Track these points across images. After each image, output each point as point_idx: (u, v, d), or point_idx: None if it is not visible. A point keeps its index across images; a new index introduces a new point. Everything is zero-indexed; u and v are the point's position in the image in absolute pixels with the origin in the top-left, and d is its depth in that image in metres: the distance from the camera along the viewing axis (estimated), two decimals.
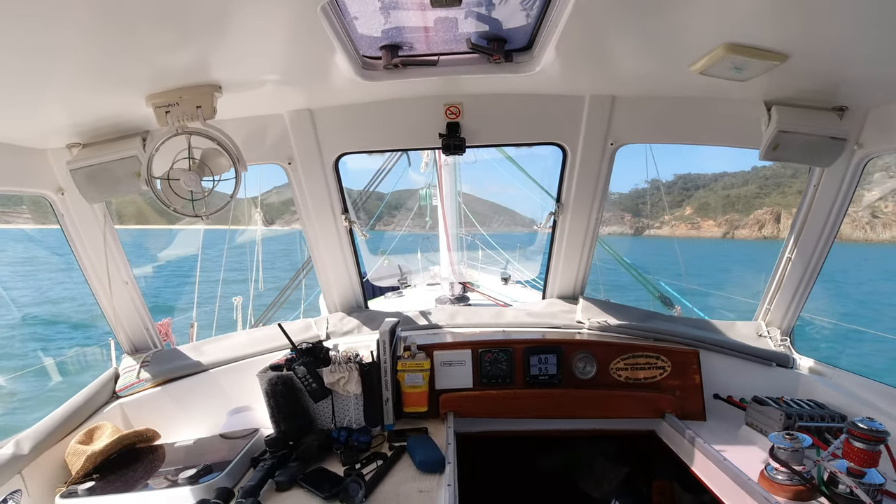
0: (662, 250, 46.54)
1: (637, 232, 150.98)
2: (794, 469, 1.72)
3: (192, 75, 1.83)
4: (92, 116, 2.05)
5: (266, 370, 2.32)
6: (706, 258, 52.83)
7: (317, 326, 3.05)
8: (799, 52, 1.70)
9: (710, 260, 52.31)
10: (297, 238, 6.57)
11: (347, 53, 1.84)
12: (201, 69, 1.79)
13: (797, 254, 2.66)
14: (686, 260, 11.53)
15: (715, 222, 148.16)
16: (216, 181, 2.10)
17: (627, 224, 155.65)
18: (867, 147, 2.30)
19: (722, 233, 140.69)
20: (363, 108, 2.55)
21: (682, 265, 8.08)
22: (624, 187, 40.41)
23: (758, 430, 2.21)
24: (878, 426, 1.62)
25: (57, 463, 2.08)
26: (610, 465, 2.90)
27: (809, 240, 2.61)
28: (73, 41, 1.41)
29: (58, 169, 2.33)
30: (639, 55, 1.96)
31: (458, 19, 1.85)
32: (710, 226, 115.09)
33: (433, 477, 1.92)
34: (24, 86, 1.65)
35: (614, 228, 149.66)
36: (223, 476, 1.88)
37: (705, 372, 2.54)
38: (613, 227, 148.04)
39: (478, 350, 2.57)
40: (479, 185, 38.76)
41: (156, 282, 24.89)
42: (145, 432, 2.30)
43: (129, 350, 2.81)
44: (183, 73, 1.80)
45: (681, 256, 9.16)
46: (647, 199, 36.35)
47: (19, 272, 32.01)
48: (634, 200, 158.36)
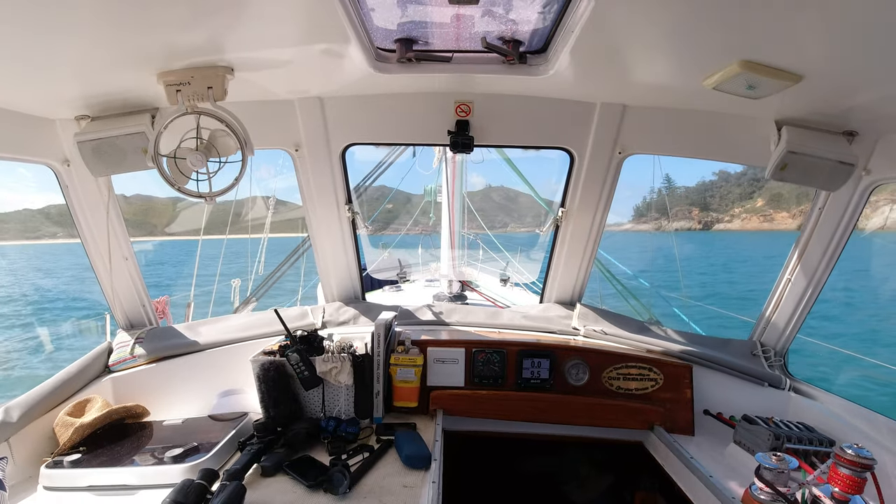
0: (732, 245, 44.37)
1: (705, 227, 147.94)
2: (778, 490, 1.72)
3: (205, 56, 1.83)
4: (103, 90, 2.05)
5: (259, 355, 2.32)
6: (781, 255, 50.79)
7: (313, 315, 3.05)
8: (813, 74, 1.69)
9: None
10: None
11: (362, 44, 1.84)
12: (214, 50, 1.79)
13: (797, 275, 2.66)
14: (754, 257, 10.91)
15: (789, 213, 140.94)
16: (222, 163, 2.10)
17: (695, 219, 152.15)
18: (875, 174, 2.30)
19: (797, 224, 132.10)
20: (374, 100, 2.55)
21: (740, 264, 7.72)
22: (690, 180, 38.87)
23: (745, 448, 2.21)
24: (866, 453, 1.62)
25: (45, 433, 2.09)
26: (595, 472, 2.91)
27: (811, 263, 2.60)
28: (88, 14, 1.41)
29: (65, 140, 2.33)
30: (653, 66, 1.96)
31: (474, 17, 1.84)
32: (783, 217, 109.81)
33: (418, 473, 1.92)
34: (36, 55, 1.65)
35: (682, 224, 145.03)
36: (209, 457, 1.89)
37: (697, 387, 2.54)
38: (681, 222, 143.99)
39: (471, 349, 2.57)
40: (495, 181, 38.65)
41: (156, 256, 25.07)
42: (135, 408, 2.31)
43: (124, 325, 2.82)
44: (196, 53, 1.79)
45: (733, 254, 8.82)
46: (715, 191, 35.85)
47: None
48: (702, 194, 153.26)
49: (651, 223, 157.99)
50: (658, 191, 11.25)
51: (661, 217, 30.82)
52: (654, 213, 27.12)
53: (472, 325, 3.08)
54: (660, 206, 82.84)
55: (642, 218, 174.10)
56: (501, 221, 30.00)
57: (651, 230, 76.33)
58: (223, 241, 7.19)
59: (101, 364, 2.55)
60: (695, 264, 38.69)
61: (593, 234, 2.94)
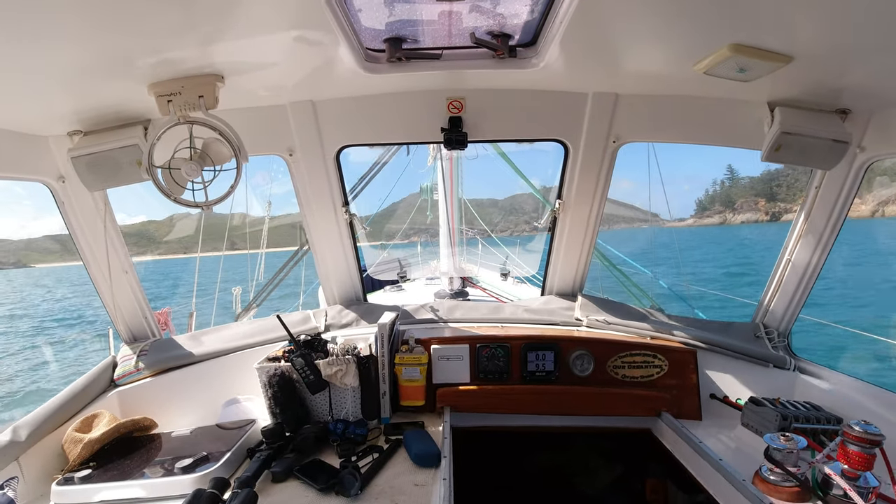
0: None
1: (773, 218, 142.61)
2: (788, 470, 1.73)
3: (195, 65, 1.82)
4: (94, 104, 2.05)
5: (264, 362, 2.33)
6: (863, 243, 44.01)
7: (315, 318, 3.05)
8: (803, 55, 1.69)
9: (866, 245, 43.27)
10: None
11: (351, 46, 1.83)
12: (204, 58, 1.79)
13: (797, 256, 2.66)
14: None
15: (860, 199, 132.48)
16: (217, 171, 2.10)
17: (762, 210, 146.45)
18: (869, 150, 2.30)
19: (870, 211, 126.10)
20: (365, 101, 2.54)
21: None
22: (754, 170, 37.67)
23: (753, 430, 2.22)
24: (874, 429, 1.62)
25: (54, 450, 2.08)
26: (605, 462, 2.91)
27: (809, 242, 2.61)
28: (75, 26, 1.41)
29: (59, 156, 2.33)
30: (643, 53, 1.95)
31: (462, 13, 1.84)
32: (855, 204, 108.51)
33: (429, 471, 1.93)
34: (26, 72, 1.65)
35: (748, 216, 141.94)
36: (219, 466, 1.89)
37: (702, 372, 2.54)
38: (747, 214, 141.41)
39: (475, 345, 2.57)
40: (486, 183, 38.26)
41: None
42: (142, 421, 2.31)
43: (127, 339, 2.81)
44: (186, 63, 1.79)
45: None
46: (782, 180, 34.37)
47: None
48: (768, 184, 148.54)
49: (715, 217, 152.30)
50: (721, 182, 11.01)
51: (725, 210, 30.10)
52: (717, 205, 26.20)
53: (474, 321, 3.08)
54: (723, 198, 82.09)
55: (706, 212, 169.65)
56: (502, 225, 29.95)
57: (716, 224, 73.77)
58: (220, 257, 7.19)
59: (106, 378, 2.55)
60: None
61: (591, 223, 2.94)
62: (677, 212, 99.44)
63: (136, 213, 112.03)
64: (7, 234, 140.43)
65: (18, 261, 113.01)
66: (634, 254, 6.54)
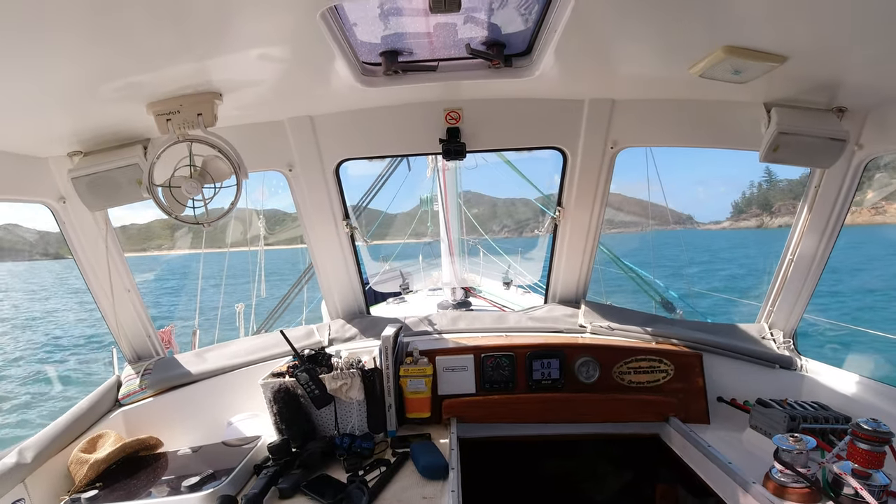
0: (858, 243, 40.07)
1: None
2: (798, 471, 1.71)
3: (193, 83, 1.84)
4: (93, 124, 2.06)
5: (269, 377, 2.32)
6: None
7: (319, 333, 3.04)
8: (798, 54, 1.70)
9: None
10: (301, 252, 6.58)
11: (347, 60, 1.85)
12: (202, 77, 1.80)
13: (799, 255, 2.66)
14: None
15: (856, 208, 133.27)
16: (217, 188, 2.11)
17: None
18: (867, 148, 2.30)
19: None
20: (363, 114, 2.56)
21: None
22: (793, 172, 36.57)
23: (762, 432, 2.20)
24: (883, 427, 1.61)
25: (60, 472, 2.07)
26: (614, 469, 2.89)
27: (811, 241, 2.61)
28: (73, 47, 1.42)
29: (59, 177, 2.34)
30: (638, 58, 1.97)
31: (457, 25, 1.85)
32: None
33: (437, 483, 1.91)
34: (25, 93, 1.66)
35: (786, 220, 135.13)
36: (226, 483, 1.88)
37: (708, 375, 2.53)
38: (784, 217, 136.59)
39: (480, 355, 2.56)
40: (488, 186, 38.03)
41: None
42: (148, 440, 2.30)
43: (131, 358, 2.81)
44: (183, 81, 1.80)
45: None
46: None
47: None
48: (806, 187, 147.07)
49: (752, 220, 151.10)
50: (759, 185, 10.78)
51: (762, 213, 29.40)
52: (754, 208, 25.51)
53: (478, 331, 3.07)
54: (761, 200, 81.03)
55: (742, 215, 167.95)
56: (500, 224, 29.82)
57: (752, 227, 71.41)
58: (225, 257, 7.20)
59: (111, 398, 2.55)
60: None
61: (592, 230, 2.94)
62: (712, 214, 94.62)
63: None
64: (48, 226, 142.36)
65: (57, 252, 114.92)
66: (667, 257, 6.56)
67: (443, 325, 3.10)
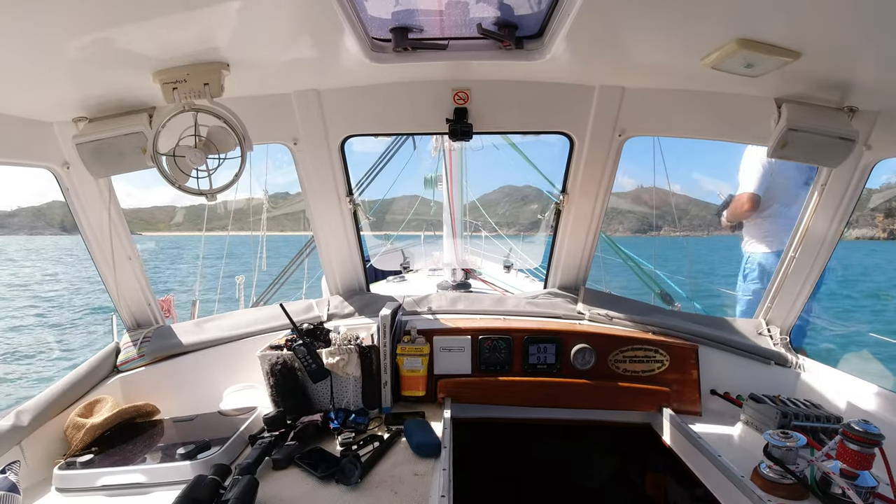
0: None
1: (891, 236, 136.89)
2: (787, 468, 1.73)
3: (200, 52, 1.82)
4: (99, 91, 2.05)
5: (266, 350, 2.33)
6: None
7: (318, 308, 3.05)
8: (811, 50, 1.68)
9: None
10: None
11: (356, 34, 1.82)
12: (209, 46, 1.78)
13: (801, 253, 2.65)
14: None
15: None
16: (222, 159, 2.10)
17: (880, 226, 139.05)
18: (876, 149, 2.28)
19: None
20: (371, 91, 2.53)
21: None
22: (873, 182, 35.31)
23: (753, 427, 2.22)
24: (873, 429, 1.62)
25: (56, 435, 2.10)
26: (604, 455, 2.92)
27: (813, 240, 2.60)
28: (80, 13, 1.41)
29: (64, 143, 2.33)
30: (651, 47, 1.94)
31: (469, 3, 1.83)
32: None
33: (429, 461, 1.94)
34: (31, 58, 1.65)
35: (864, 231, 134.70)
36: (221, 452, 1.90)
37: (703, 367, 2.54)
38: (863, 229, 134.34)
39: (477, 337, 2.58)
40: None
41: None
42: (145, 407, 2.33)
43: (130, 325, 2.82)
44: (191, 50, 1.78)
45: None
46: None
47: None
48: (887, 199, 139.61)
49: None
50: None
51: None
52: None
53: (477, 313, 3.08)
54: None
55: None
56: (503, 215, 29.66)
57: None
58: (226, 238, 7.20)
59: (109, 364, 2.57)
60: None
61: (595, 217, 2.93)
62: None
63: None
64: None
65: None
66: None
67: (442, 306, 3.11)
